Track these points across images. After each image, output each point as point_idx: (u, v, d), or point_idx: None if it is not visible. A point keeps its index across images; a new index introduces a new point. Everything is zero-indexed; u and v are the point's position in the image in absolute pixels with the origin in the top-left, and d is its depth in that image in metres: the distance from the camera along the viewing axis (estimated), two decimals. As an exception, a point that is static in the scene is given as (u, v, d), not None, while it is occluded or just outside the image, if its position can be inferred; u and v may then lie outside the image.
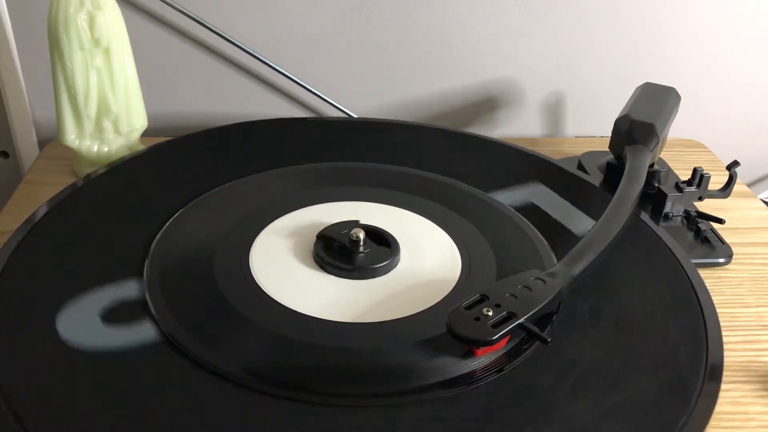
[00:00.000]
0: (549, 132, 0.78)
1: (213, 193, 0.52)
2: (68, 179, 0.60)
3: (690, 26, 0.73)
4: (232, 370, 0.37)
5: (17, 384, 0.35)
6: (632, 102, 0.59)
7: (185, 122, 0.73)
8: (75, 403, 0.34)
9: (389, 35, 0.71)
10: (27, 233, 0.46)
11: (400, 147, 0.60)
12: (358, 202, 0.52)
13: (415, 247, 0.48)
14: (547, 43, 0.72)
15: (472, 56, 0.73)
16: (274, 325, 0.40)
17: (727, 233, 0.56)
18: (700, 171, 0.56)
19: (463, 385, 0.37)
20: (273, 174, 0.55)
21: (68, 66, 0.55)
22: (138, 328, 0.39)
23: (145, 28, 0.68)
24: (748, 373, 0.43)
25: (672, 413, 0.36)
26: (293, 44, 0.70)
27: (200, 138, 0.60)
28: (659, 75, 0.73)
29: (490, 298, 0.38)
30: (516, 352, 0.39)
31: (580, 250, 0.43)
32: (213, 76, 0.71)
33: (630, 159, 0.53)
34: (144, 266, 0.44)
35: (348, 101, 0.73)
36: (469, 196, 0.54)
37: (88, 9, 0.54)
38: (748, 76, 0.76)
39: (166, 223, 0.48)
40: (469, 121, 0.76)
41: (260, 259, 0.45)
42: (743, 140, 0.80)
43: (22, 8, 0.66)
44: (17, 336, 0.38)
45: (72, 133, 0.58)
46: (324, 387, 0.37)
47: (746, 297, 0.50)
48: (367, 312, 0.42)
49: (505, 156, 0.60)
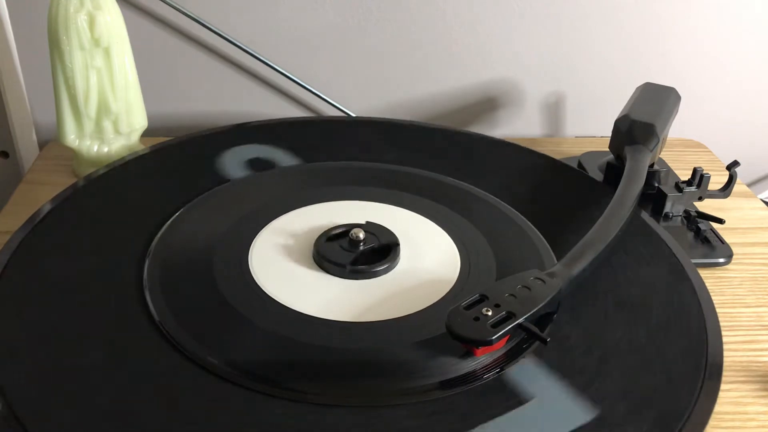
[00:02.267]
0: (549, 132, 0.78)
1: (213, 193, 0.52)
2: (68, 179, 0.60)
3: (690, 26, 0.73)
4: (232, 370, 0.37)
5: (18, 384, 0.35)
6: (632, 102, 0.59)
7: (185, 122, 0.73)
8: (75, 404, 0.34)
9: (389, 35, 0.71)
10: (28, 233, 0.46)
11: (400, 147, 0.60)
12: (357, 202, 0.52)
13: (415, 246, 0.48)
14: (547, 43, 0.72)
15: (472, 56, 0.73)
16: (274, 324, 0.40)
17: (727, 233, 0.56)
18: (700, 171, 0.56)
19: (462, 385, 0.37)
20: (273, 174, 0.55)
21: (68, 66, 0.55)
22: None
23: (145, 28, 0.68)
24: (748, 373, 0.43)
25: (672, 413, 0.36)
26: (293, 44, 0.70)
27: (200, 138, 0.60)
28: (659, 75, 0.73)
29: (490, 298, 0.38)
30: (515, 352, 0.39)
31: (580, 250, 0.43)
32: (213, 76, 0.71)
33: (630, 159, 0.53)
34: (144, 266, 0.44)
35: (347, 101, 0.73)
36: (468, 195, 0.54)
37: (88, 9, 0.54)
38: (748, 76, 0.76)
39: (166, 223, 0.48)
40: (469, 121, 0.76)
41: (260, 258, 0.45)
42: (743, 140, 0.80)
43: (22, 8, 0.66)
44: (17, 336, 0.38)
45: (72, 133, 0.58)
46: (324, 386, 0.37)
47: (746, 297, 0.50)
48: (367, 312, 0.42)
49: (506, 155, 0.60)
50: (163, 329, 0.39)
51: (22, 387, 0.35)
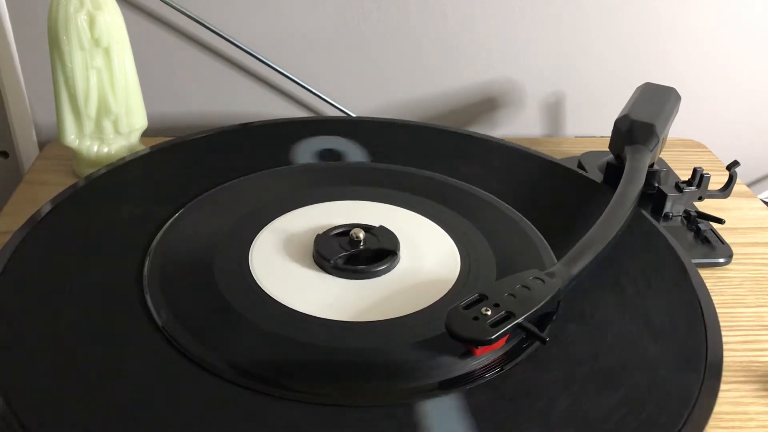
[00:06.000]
0: (549, 132, 0.78)
1: (213, 193, 0.52)
2: (68, 179, 0.60)
3: (690, 26, 0.73)
4: (232, 370, 0.37)
5: (18, 384, 0.35)
6: (632, 102, 0.59)
7: (185, 122, 0.73)
8: (75, 404, 0.34)
9: (389, 35, 0.71)
10: (28, 233, 0.46)
11: (400, 147, 0.60)
12: (357, 202, 0.52)
13: (415, 246, 0.48)
14: (547, 43, 0.72)
15: (472, 56, 0.73)
16: (274, 324, 0.40)
17: (727, 233, 0.56)
18: (700, 171, 0.56)
19: (462, 385, 0.37)
20: (273, 174, 0.55)
21: (68, 66, 0.55)
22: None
23: (145, 28, 0.68)
24: (748, 373, 0.43)
25: (672, 413, 0.36)
26: (293, 44, 0.70)
27: (200, 138, 0.60)
28: (659, 75, 0.73)
29: (489, 298, 0.38)
30: (515, 352, 0.39)
31: (580, 250, 0.43)
32: (213, 76, 0.71)
33: (630, 159, 0.53)
34: (144, 266, 0.44)
35: (348, 101, 0.73)
36: (469, 195, 0.54)
37: (88, 9, 0.54)
38: (748, 76, 0.76)
39: (166, 223, 0.48)
40: (469, 121, 0.76)
41: (260, 258, 0.45)
42: (743, 140, 0.80)
43: (22, 8, 0.66)
44: (18, 336, 0.38)
45: (72, 133, 0.58)
46: (324, 386, 0.37)
47: (746, 297, 0.50)
48: (367, 311, 0.42)
49: (506, 155, 0.60)
50: (163, 329, 0.39)
51: (22, 387, 0.35)
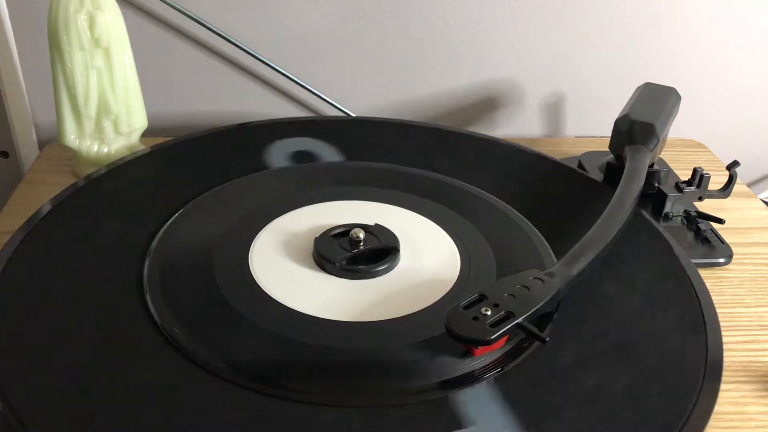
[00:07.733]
0: (549, 132, 0.78)
1: (213, 193, 0.52)
2: (68, 179, 0.60)
3: (690, 26, 0.73)
4: (232, 370, 0.37)
5: (18, 384, 0.35)
6: (632, 102, 0.59)
7: (185, 122, 0.73)
8: (75, 404, 0.34)
9: (389, 35, 0.71)
10: (28, 233, 0.46)
11: (400, 147, 0.60)
12: (357, 202, 0.52)
13: (415, 246, 0.48)
14: (547, 43, 0.72)
15: (472, 56, 0.73)
16: (274, 324, 0.40)
17: (727, 233, 0.56)
18: (700, 171, 0.56)
19: (461, 385, 0.37)
20: (273, 174, 0.55)
21: (68, 66, 0.55)
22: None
23: (145, 28, 0.68)
24: (748, 373, 0.43)
25: (672, 413, 0.36)
26: (293, 44, 0.70)
27: (200, 138, 0.60)
28: (659, 75, 0.73)
29: (489, 298, 0.38)
30: (515, 352, 0.39)
31: (579, 250, 0.43)
32: (213, 76, 0.71)
33: (630, 159, 0.53)
34: (144, 266, 0.44)
35: (347, 101, 0.73)
36: (469, 195, 0.54)
37: (88, 9, 0.54)
38: (748, 76, 0.76)
39: (166, 223, 0.48)
40: (469, 121, 0.76)
41: (260, 258, 0.45)
42: (743, 140, 0.80)
43: (22, 8, 0.66)
44: (17, 336, 0.38)
45: (72, 133, 0.58)
46: (324, 386, 0.37)
47: (746, 297, 0.50)
48: (367, 311, 0.42)
49: (506, 155, 0.60)
50: (162, 329, 0.39)
51: (22, 387, 0.35)
